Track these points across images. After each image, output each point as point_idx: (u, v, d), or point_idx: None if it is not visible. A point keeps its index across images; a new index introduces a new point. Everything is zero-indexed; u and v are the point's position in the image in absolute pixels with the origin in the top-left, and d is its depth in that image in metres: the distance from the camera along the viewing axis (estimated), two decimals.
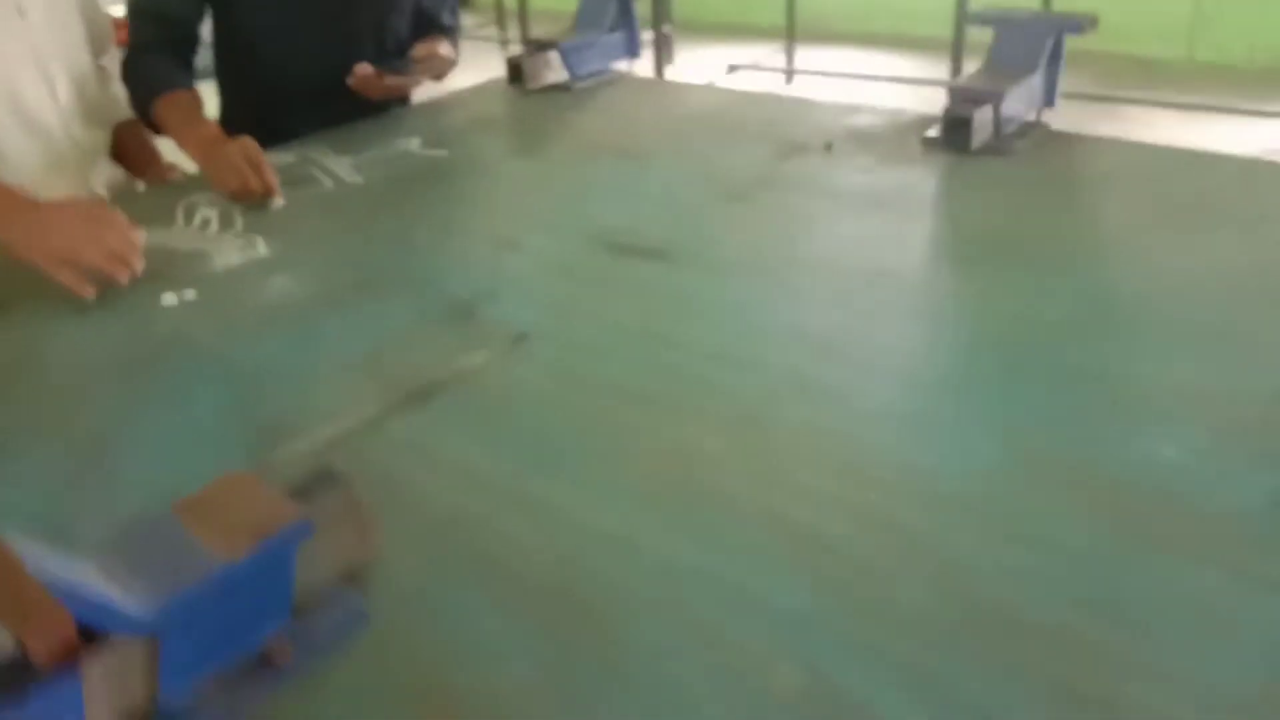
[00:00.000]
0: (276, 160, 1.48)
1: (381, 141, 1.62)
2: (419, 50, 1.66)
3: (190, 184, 1.50)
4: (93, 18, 1.55)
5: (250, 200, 1.37)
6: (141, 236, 1.18)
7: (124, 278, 1.12)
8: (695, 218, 1.27)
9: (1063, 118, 1.54)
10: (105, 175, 1.58)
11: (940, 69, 4.89)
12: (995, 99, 1.40)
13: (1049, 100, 1.51)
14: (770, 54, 5.25)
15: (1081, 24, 1.44)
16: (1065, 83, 1.50)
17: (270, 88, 1.69)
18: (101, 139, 1.56)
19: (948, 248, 1.17)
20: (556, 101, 1.79)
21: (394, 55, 1.74)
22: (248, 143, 1.41)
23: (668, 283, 1.10)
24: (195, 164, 1.47)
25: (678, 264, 1.14)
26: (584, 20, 1.90)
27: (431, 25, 1.80)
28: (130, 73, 1.62)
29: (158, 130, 1.61)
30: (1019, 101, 1.45)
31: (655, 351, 0.95)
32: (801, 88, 5.03)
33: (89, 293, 1.09)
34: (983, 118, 1.39)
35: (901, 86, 4.70)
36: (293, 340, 1.01)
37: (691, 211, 1.29)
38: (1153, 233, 1.15)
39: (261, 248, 1.25)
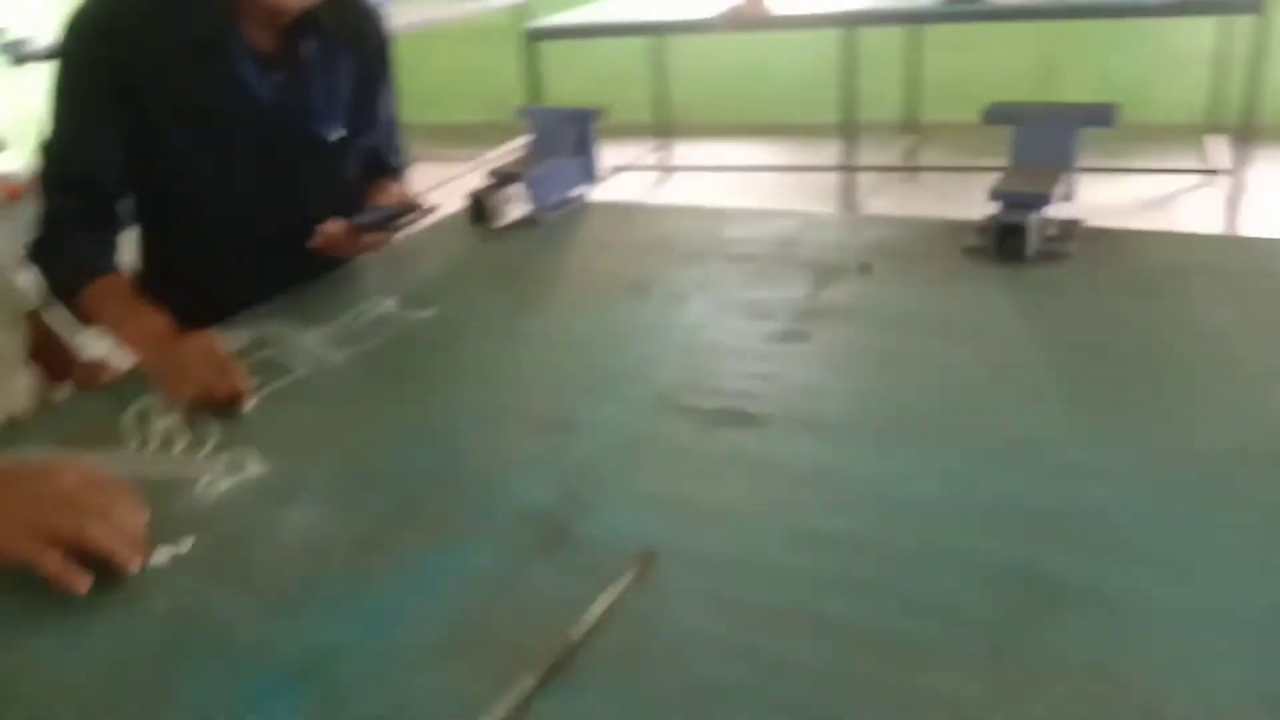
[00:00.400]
0: (230, 340, 1.24)
1: (350, 306, 1.39)
2: (386, 196, 1.44)
3: (129, 385, 1.24)
4: None
5: (213, 408, 1.13)
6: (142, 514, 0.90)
7: (136, 566, 0.85)
8: (758, 364, 1.11)
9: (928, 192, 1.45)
10: (24, 383, 1.30)
11: (821, 154, 4.94)
12: (1042, 201, 1.29)
13: (1070, 196, 1.42)
14: (644, 152, 5.20)
15: (1108, 115, 1.36)
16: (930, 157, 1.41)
17: (205, 249, 1.45)
18: (15, 342, 1.29)
19: (1068, 374, 1.03)
20: (531, 239, 1.61)
21: (344, 205, 1.52)
22: (207, 339, 1.18)
23: (777, 455, 0.93)
24: (143, 366, 1.22)
25: (772, 428, 0.97)
26: (541, 146, 1.73)
27: (380, 167, 1.60)
28: (46, 253, 1.36)
29: (85, 321, 1.35)
30: (1055, 201, 1.35)
31: (823, 555, 0.78)
32: (683, 185, 5.00)
33: (84, 587, 0.81)
34: (1036, 222, 1.28)
35: (795, 176, 4.70)
36: (348, 612, 0.78)
37: (750, 357, 1.13)
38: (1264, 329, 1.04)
39: (253, 465, 1.01)
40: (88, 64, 1.32)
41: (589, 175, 1.77)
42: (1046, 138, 1.38)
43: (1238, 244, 1.26)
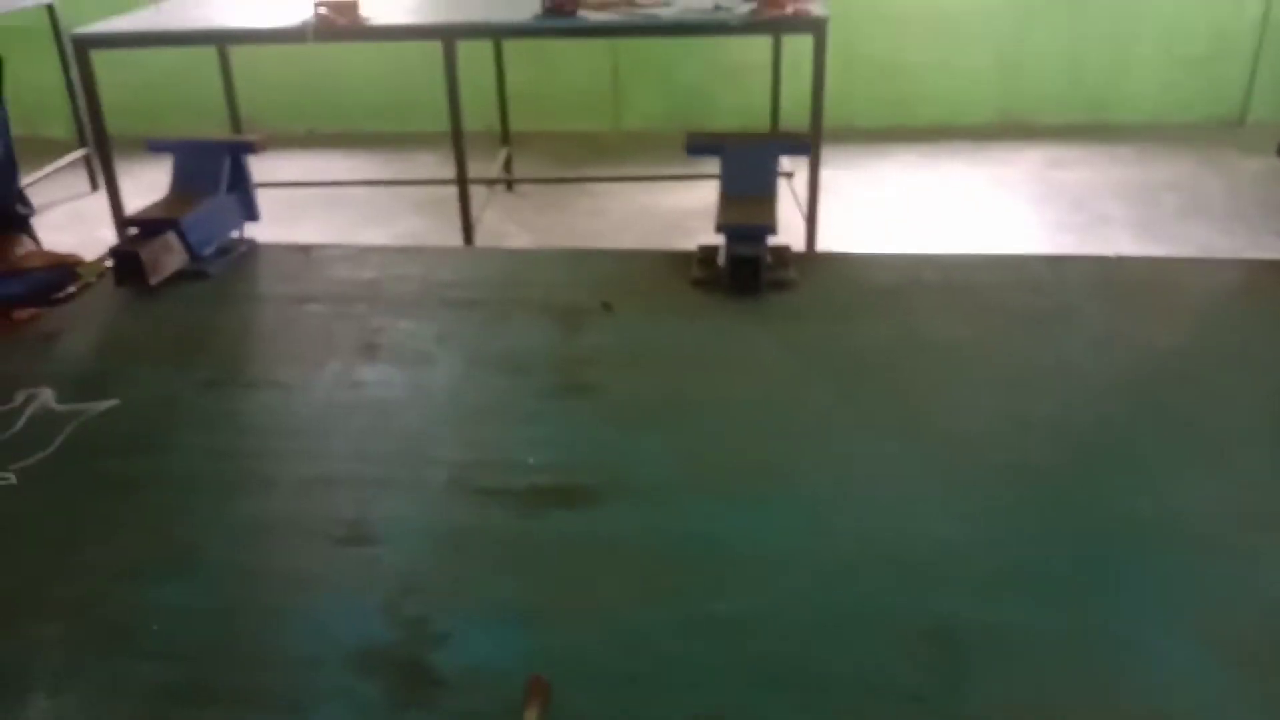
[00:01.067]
0: None
1: None
2: (25, 255, 1.14)
3: None
4: None
5: None
6: None
7: None
8: (544, 427, 1.03)
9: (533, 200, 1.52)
10: None
11: (412, 166, 4.81)
12: (767, 232, 1.33)
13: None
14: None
15: (805, 144, 1.45)
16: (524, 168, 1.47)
17: None
18: None
19: (845, 397, 1.06)
20: (200, 296, 1.36)
21: None
22: None
23: (620, 532, 0.87)
24: None
25: (599, 502, 0.90)
26: (185, 183, 1.48)
27: (4, 220, 1.27)
28: None
29: None
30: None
31: (730, 642, 0.72)
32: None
33: None
34: (764, 253, 1.31)
35: (390, 191, 4.52)
36: None
37: (532, 420, 1.04)
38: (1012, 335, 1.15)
39: None
40: None
41: (250, 212, 1.55)
42: (750, 167, 1.41)
43: (937, 261, 1.37)
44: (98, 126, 3.50)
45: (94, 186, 4.06)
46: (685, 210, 4.21)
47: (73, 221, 4.18)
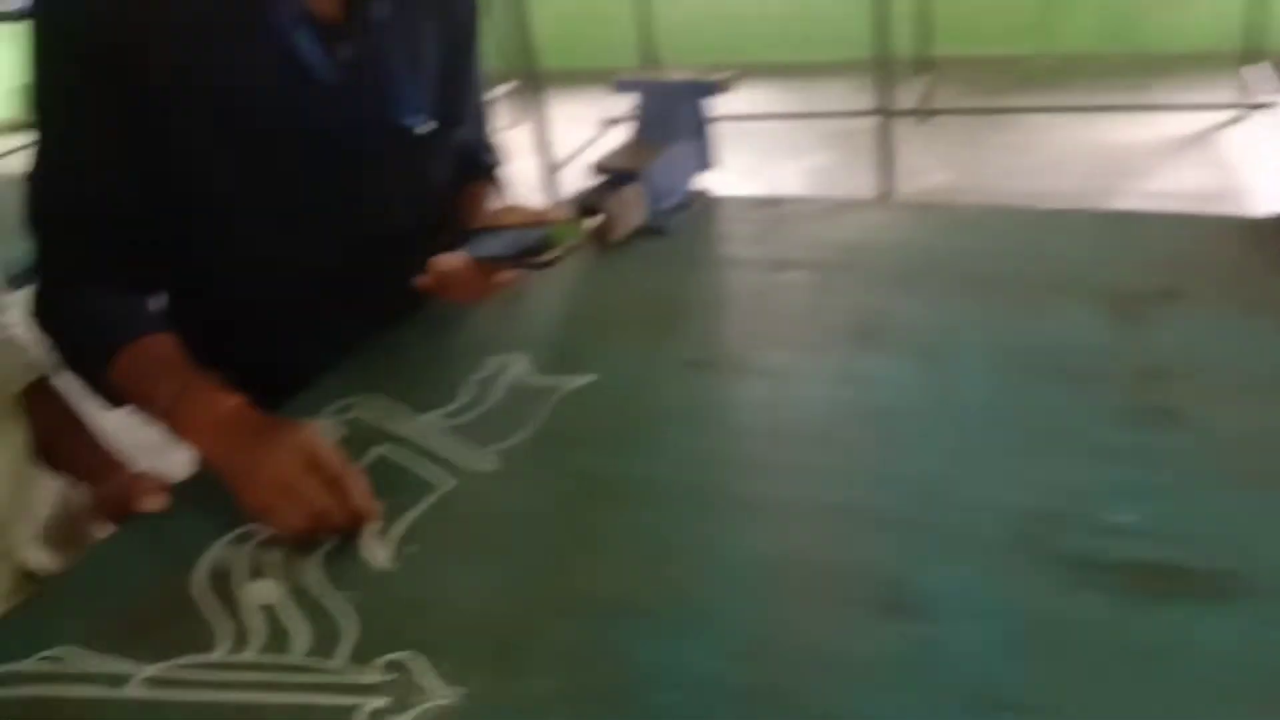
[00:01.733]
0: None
1: (465, 370, 1.02)
2: (508, 212, 1.05)
3: (186, 509, 0.86)
4: None
5: (321, 541, 0.77)
6: None
7: None
8: (1133, 469, 0.76)
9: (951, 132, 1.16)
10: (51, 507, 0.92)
11: (822, 97, 4.57)
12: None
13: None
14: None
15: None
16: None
17: (243, 293, 1.05)
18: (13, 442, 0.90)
19: None
20: (664, 256, 1.23)
21: (432, 225, 1.13)
22: (306, 435, 0.80)
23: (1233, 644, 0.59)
24: (219, 473, 0.84)
25: (1242, 601, 0.63)
26: (650, 129, 1.34)
27: (472, 167, 1.20)
28: (52, 316, 0.96)
29: (115, 404, 0.96)
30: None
31: None
32: None
33: None
34: None
35: (805, 123, 4.33)
36: None
37: (1109, 456, 0.78)
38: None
39: (432, 687, 0.65)
40: (71, 55, 0.90)
41: (705, 162, 1.39)
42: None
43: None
44: (529, 60, 3.58)
45: (516, 121, 4.20)
46: (1135, 147, 3.65)
47: None
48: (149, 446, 1.02)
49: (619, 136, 1.33)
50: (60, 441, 0.98)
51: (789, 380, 0.93)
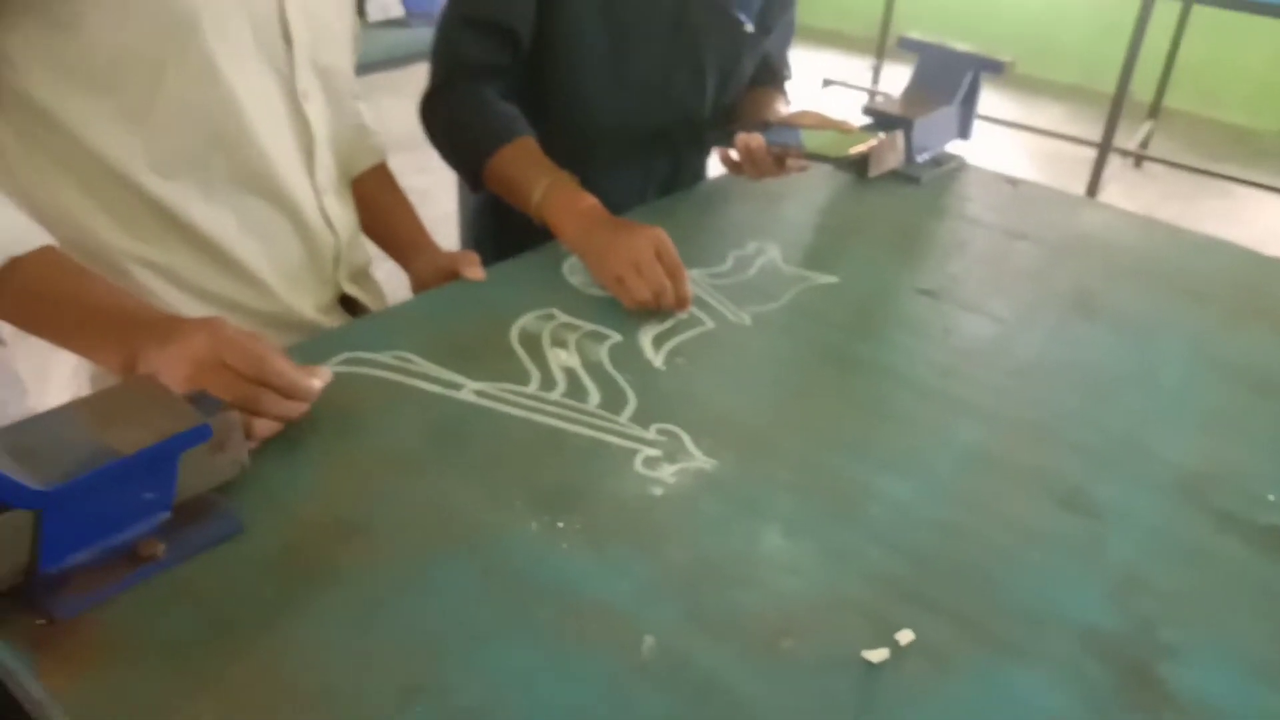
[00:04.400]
0: None
1: (726, 245, 1.19)
2: (802, 115, 1.21)
3: (499, 285, 1.05)
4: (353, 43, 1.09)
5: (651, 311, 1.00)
6: None
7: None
8: (1275, 458, 0.88)
9: (1161, 184, 1.23)
10: (364, 259, 1.12)
11: (1050, 117, 4.56)
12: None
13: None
14: (862, 69, 4.84)
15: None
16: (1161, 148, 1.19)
17: (570, 138, 1.23)
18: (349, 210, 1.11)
19: None
20: (913, 200, 1.37)
21: (723, 111, 1.30)
22: (659, 233, 0.99)
23: None
24: (574, 246, 1.06)
25: None
26: (925, 85, 1.48)
27: (769, 75, 1.36)
28: (452, 105, 1.16)
29: (482, 188, 1.18)
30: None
31: None
32: None
33: None
34: None
35: (1024, 138, 4.33)
36: None
37: (1264, 444, 0.91)
38: None
39: (695, 453, 0.82)
40: None
41: (965, 130, 1.52)
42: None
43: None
44: None
45: None
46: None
47: None
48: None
49: (834, 96, 1.48)
50: (390, 220, 1.17)
51: (1009, 325, 1.07)
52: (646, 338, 0.98)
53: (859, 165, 1.33)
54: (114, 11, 0.80)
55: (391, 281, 1.18)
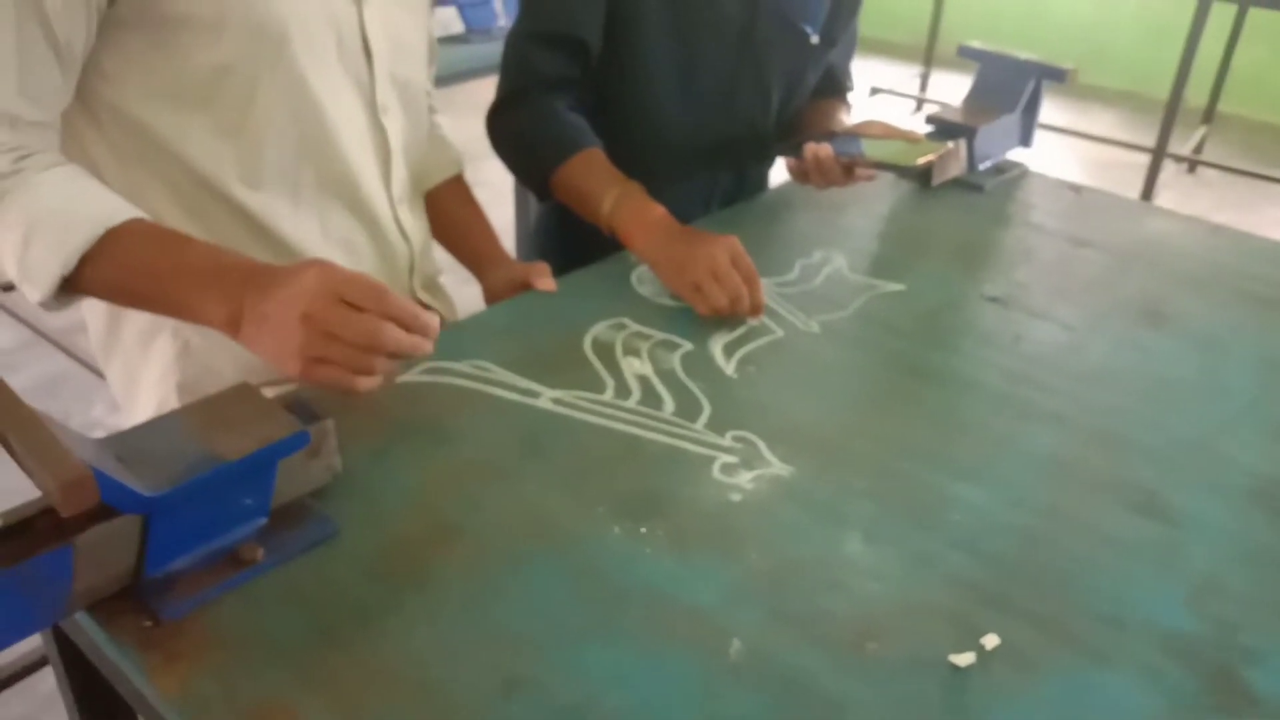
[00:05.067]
0: None
1: (792, 253, 1.20)
2: (869, 125, 1.22)
3: (572, 297, 1.07)
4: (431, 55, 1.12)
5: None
6: None
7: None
8: None
9: (1216, 190, 1.22)
10: (435, 268, 1.15)
11: (1101, 123, 4.51)
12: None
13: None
14: (909, 77, 4.83)
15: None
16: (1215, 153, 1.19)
17: (637, 148, 1.24)
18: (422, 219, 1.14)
19: None
20: (977, 208, 1.38)
21: (787, 123, 1.32)
22: (734, 242, 1.02)
23: None
24: (647, 257, 1.08)
25: None
26: (986, 93, 1.48)
27: (832, 86, 1.37)
28: (521, 123, 1.19)
29: (549, 197, 1.20)
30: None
31: None
32: None
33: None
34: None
35: (1069, 143, 4.29)
36: None
37: None
38: None
39: (772, 459, 0.84)
40: None
41: (1026, 138, 1.52)
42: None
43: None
44: None
45: None
46: None
47: None
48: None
49: (882, 105, 1.49)
50: (466, 231, 1.20)
51: (1078, 333, 1.07)
52: (717, 346, 1.00)
53: (923, 174, 1.34)
54: (208, 30, 0.84)
55: (455, 291, 1.20)
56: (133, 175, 0.90)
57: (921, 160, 1.20)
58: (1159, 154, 3.42)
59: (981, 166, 1.42)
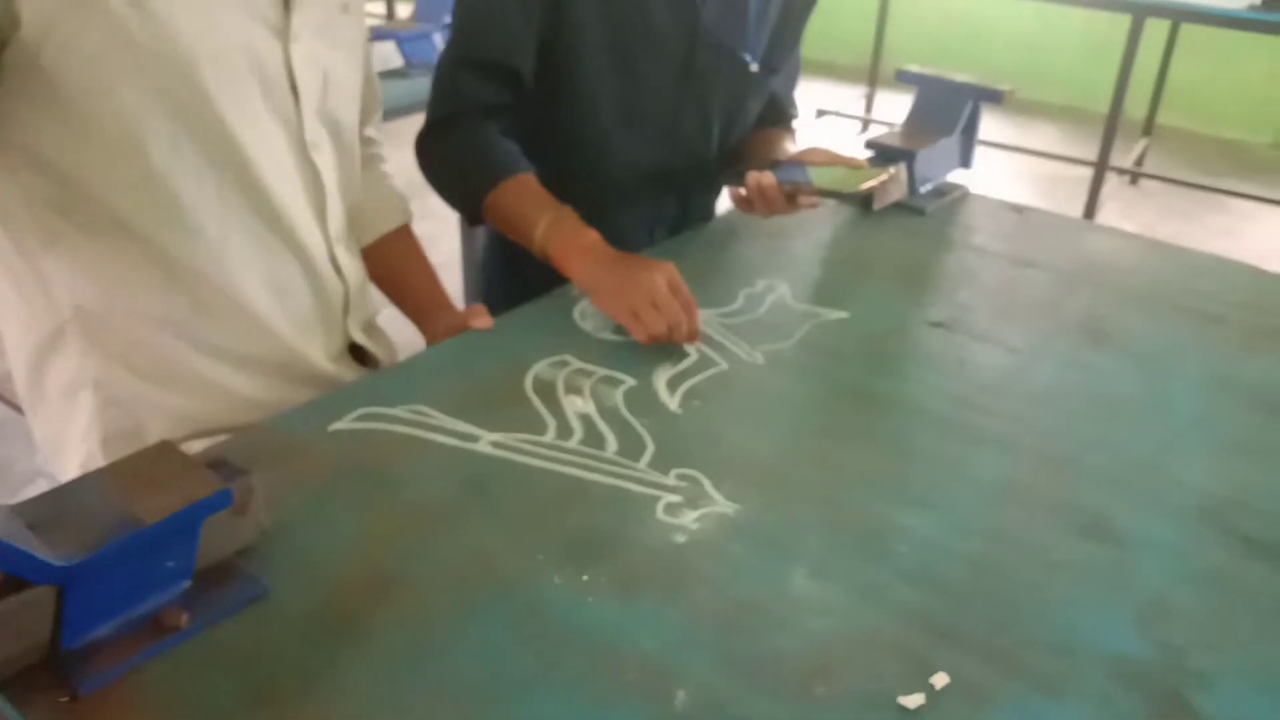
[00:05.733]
0: None
1: (729, 285, 1.19)
2: (811, 152, 1.22)
3: (511, 334, 1.06)
4: (369, 92, 1.10)
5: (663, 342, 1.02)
6: None
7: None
8: None
9: (1158, 201, 1.24)
10: (373, 309, 1.13)
11: (1042, 138, 4.58)
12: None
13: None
14: (854, 98, 4.88)
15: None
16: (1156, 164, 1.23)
17: (576, 180, 1.23)
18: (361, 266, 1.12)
19: None
20: (918, 232, 1.38)
21: (730, 151, 1.32)
22: (670, 269, 1.02)
23: None
24: (584, 284, 1.07)
25: None
26: (924, 116, 1.49)
27: (777, 115, 1.37)
28: (450, 148, 1.18)
29: (480, 223, 1.19)
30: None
31: None
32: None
33: None
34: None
35: (1010, 159, 4.36)
36: None
37: None
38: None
39: (716, 497, 0.82)
40: None
41: (966, 159, 1.53)
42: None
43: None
44: None
45: None
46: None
47: None
48: None
49: (828, 127, 1.49)
50: (412, 282, 1.18)
51: (1022, 355, 1.07)
52: (661, 381, 0.98)
53: (865, 199, 1.34)
54: (112, 69, 0.80)
55: (392, 327, 1.18)
56: (52, 225, 0.87)
57: (864, 186, 1.20)
58: (1101, 167, 3.47)
59: (922, 190, 1.42)
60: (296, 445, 0.85)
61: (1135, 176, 4.23)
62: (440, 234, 2.25)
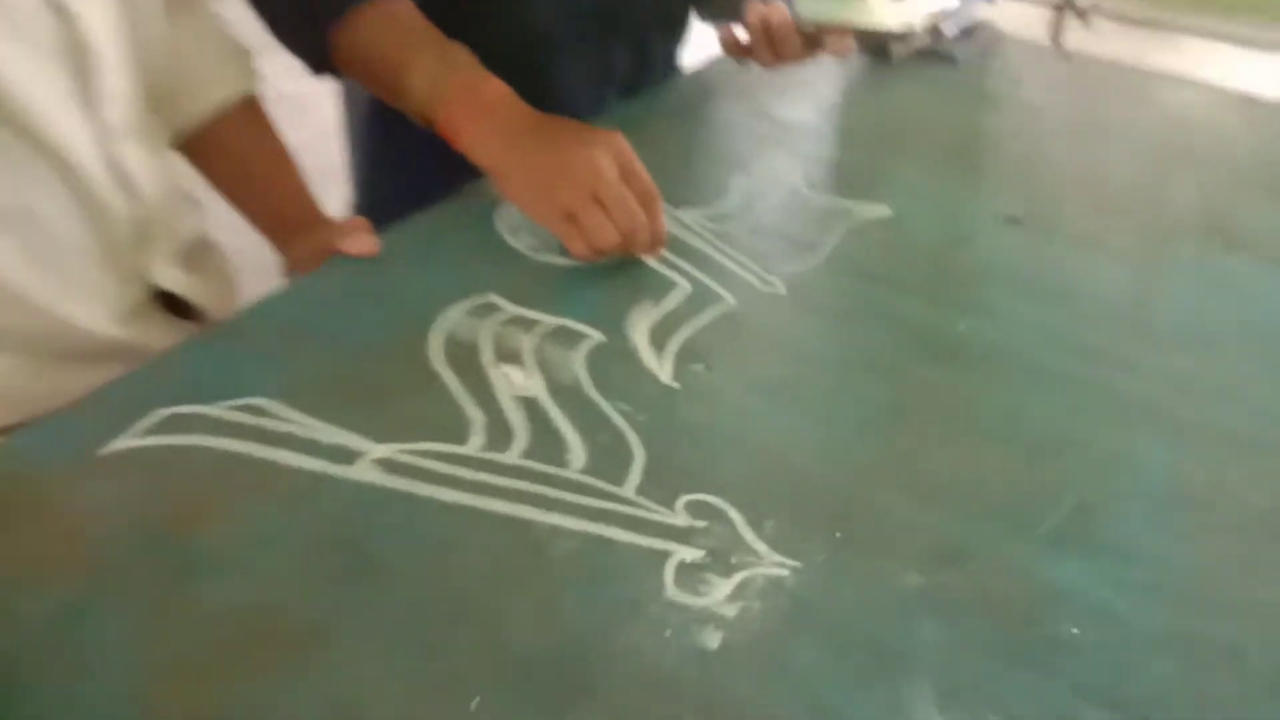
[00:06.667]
0: None
1: (715, 171, 0.84)
2: None
3: (406, 261, 0.69)
4: None
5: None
6: None
7: None
8: None
9: (1109, 42, 1.09)
10: (192, 231, 0.75)
11: None
12: None
13: None
14: None
15: None
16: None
17: (510, 32, 0.85)
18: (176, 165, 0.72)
19: None
20: (954, 88, 1.04)
21: None
22: (617, 140, 0.65)
23: None
24: (488, 171, 0.69)
25: None
26: None
27: None
28: None
29: (337, 72, 0.78)
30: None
31: None
32: None
33: None
34: None
35: None
36: None
37: None
38: None
39: (750, 536, 0.50)
40: None
41: None
42: None
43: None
44: None
45: None
46: None
47: None
48: None
49: None
50: (261, 181, 0.80)
51: (1143, 270, 0.75)
52: (641, 331, 0.64)
53: (879, 47, 0.98)
54: None
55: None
56: None
57: (916, 23, 0.84)
58: (1058, 4, 3.13)
59: (949, 32, 1.07)
60: (36, 488, 0.49)
61: (1081, 13, 3.89)
62: (314, 94, 1.79)
